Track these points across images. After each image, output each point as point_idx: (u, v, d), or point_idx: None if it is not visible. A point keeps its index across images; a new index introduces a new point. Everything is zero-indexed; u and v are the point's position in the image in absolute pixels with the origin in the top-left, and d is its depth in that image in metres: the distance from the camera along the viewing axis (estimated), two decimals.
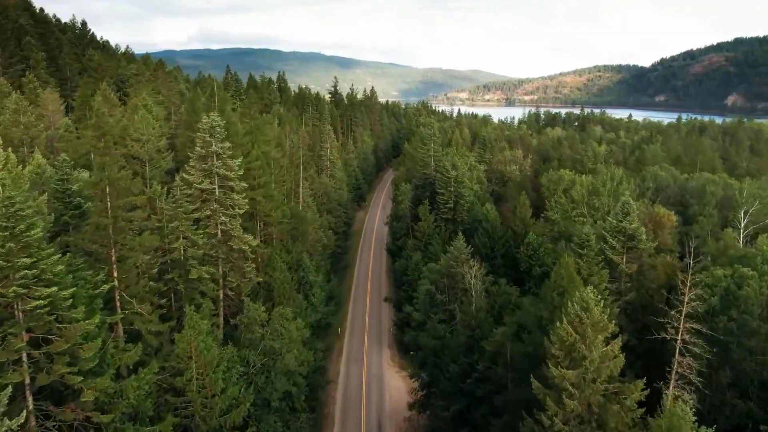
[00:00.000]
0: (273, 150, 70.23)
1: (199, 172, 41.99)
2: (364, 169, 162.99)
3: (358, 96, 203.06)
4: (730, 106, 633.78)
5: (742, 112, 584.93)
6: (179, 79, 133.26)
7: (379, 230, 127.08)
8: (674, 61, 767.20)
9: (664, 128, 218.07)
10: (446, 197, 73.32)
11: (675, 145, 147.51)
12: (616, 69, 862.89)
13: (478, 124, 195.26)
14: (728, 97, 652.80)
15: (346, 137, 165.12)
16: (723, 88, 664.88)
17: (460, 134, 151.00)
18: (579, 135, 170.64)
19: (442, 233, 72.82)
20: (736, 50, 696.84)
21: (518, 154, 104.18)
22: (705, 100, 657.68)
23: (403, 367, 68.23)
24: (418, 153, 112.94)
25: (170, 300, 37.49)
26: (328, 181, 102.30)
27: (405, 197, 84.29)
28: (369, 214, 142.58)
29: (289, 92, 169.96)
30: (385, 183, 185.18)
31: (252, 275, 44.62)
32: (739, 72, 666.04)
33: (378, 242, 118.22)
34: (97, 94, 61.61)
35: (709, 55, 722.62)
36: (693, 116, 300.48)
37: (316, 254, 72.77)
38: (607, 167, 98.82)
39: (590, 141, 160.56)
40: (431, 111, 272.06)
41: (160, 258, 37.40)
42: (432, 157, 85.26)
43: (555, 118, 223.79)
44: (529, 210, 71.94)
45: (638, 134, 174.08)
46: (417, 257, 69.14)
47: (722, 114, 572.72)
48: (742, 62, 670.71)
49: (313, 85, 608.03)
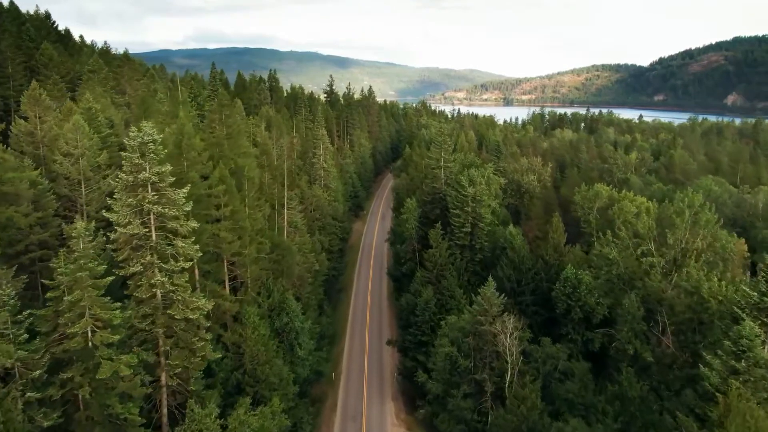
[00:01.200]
0: (253, 163, 56.79)
1: (125, 209, 28.50)
2: (362, 174, 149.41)
3: (355, 96, 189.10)
4: (730, 105, 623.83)
5: (742, 111, 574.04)
6: (158, 77, 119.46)
7: (379, 245, 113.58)
8: (673, 61, 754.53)
9: (679, 129, 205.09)
10: (462, 219, 59.74)
11: (697, 148, 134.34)
12: (614, 68, 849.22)
13: (483, 126, 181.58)
14: (728, 96, 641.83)
15: (343, 140, 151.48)
16: (722, 88, 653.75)
17: (465, 137, 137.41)
18: (593, 138, 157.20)
19: (458, 262, 59.42)
20: (735, 49, 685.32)
21: (537, 161, 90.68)
22: (704, 100, 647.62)
23: (411, 428, 55.06)
24: (423, 161, 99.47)
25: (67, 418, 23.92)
26: (322, 193, 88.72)
27: (410, 215, 70.72)
28: (367, 225, 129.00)
29: (281, 92, 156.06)
30: (384, 188, 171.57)
31: (206, 350, 31.17)
32: (738, 71, 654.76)
33: (377, 260, 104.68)
34: (26, 95, 47.82)
35: (708, 54, 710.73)
36: (694, 116, 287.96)
37: (305, 286, 59.43)
38: (643, 179, 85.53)
39: (610, 147, 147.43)
40: (432, 112, 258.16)
41: (52, 347, 24.02)
42: (442, 168, 71.71)
43: (562, 119, 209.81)
44: (563, 235, 58.52)
45: (657, 137, 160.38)
46: (428, 294, 55.77)
47: (722, 113, 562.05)
48: (742, 61, 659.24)
49: (310, 85, 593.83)
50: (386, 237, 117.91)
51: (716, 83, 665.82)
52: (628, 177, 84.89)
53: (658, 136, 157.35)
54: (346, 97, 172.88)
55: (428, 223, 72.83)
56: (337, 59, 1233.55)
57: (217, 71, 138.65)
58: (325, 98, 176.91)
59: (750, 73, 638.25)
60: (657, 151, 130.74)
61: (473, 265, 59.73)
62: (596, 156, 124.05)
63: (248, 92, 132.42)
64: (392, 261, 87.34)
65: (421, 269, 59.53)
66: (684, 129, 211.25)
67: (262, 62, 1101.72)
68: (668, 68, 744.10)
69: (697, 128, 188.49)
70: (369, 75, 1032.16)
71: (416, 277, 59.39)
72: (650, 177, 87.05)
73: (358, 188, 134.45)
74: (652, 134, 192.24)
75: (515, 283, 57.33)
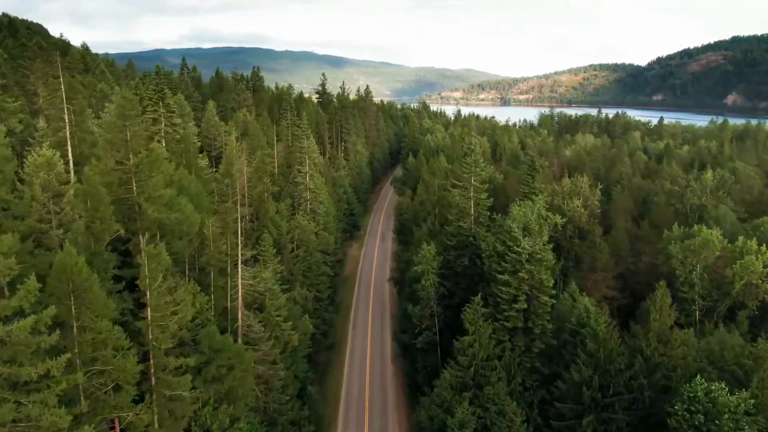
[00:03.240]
0: (196, 211, 35.20)
1: None
2: (358, 186, 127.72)
3: (350, 96, 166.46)
4: (730, 105, 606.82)
5: (743, 111, 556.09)
6: (111, 73, 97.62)
7: (380, 276, 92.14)
8: (671, 60, 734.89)
9: (705, 133, 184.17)
10: (514, 289, 38.11)
11: (749, 158, 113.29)
12: (612, 68, 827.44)
13: (493, 129, 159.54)
14: (728, 96, 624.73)
15: (336, 148, 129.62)
16: (722, 87, 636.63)
17: (479, 145, 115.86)
18: (624, 145, 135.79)
19: (507, 356, 38.02)
20: (734, 49, 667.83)
21: (583, 182, 69.29)
22: (703, 99, 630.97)
23: None
24: (436, 181, 78.14)
25: None
26: (308, 224, 67.15)
27: (427, 267, 49.09)
28: (365, 249, 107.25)
29: (267, 92, 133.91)
30: (383, 200, 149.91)
31: None
32: (737, 71, 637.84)
33: (378, 300, 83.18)
34: None
35: (707, 54, 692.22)
36: (716, 117, 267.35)
37: (273, 393, 38.06)
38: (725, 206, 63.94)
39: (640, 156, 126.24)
40: (435, 114, 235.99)
41: None
42: (472, 201, 50.10)
43: (576, 121, 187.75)
44: (670, 316, 37.19)
45: (695, 144, 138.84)
46: (463, 411, 34.59)
47: (722, 113, 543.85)
48: (741, 61, 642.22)
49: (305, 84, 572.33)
50: (388, 269, 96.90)
51: (715, 83, 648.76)
52: (704, 204, 63.63)
53: (697, 143, 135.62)
54: (340, 98, 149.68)
55: (452, 275, 51.34)
56: (332, 59, 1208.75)
57: (189, 68, 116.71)
58: (317, 99, 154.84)
59: (750, 73, 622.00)
60: (701, 162, 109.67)
61: (530, 358, 38.34)
62: (639, 170, 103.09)
63: (225, 93, 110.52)
64: (399, 319, 65.72)
65: (450, 367, 37.90)
66: (710, 132, 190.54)
67: (257, 62, 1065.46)
68: (666, 68, 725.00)
69: (727, 131, 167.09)
70: (365, 74, 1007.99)
71: (443, 379, 37.85)
72: (730, 203, 65.82)
73: (353, 204, 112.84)
74: (682, 138, 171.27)
75: (596, 390, 36.22)
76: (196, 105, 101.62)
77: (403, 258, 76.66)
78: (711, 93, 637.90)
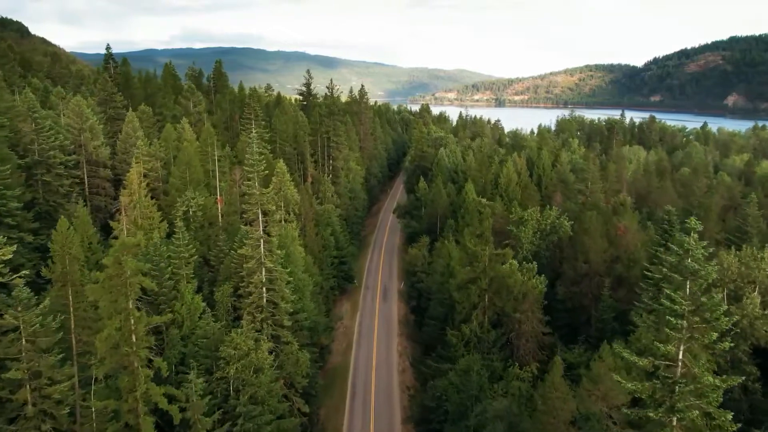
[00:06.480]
0: None
1: None
2: (351, 216, 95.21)
3: (341, 98, 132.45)
4: (731, 106, 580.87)
5: (744, 112, 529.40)
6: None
7: (384, 372, 59.84)
8: (669, 60, 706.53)
9: (757, 139, 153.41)
10: None
11: None
12: (608, 68, 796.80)
13: (522, 140, 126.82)
14: (728, 97, 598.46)
15: (322, 166, 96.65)
16: (721, 88, 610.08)
17: (514, 167, 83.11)
18: (690, 160, 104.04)
19: None
20: (732, 49, 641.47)
21: (752, 254, 37.45)
22: (703, 100, 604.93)
23: None
24: (486, 252, 46.44)
25: None
26: (257, 352, 34.79)
27: None
28: (360, 317, 73.75)
29: (231, 94, 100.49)
30: (382, 225, 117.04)
31: None
32: (737, 71, 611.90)
33: (385, 407, 50.75)
34: None
35: (705, 54, 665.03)
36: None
37: None
38: None
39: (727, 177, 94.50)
40: (439, 117, 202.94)
41: None
42: None
43: (611, 128, 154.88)
44: None
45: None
46: None
47: (723, 114, 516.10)
48: (740, 61, 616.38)
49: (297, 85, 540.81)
50: (395, 355, 64.68)
51: (715, 83, 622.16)
52: None
53: None
54: (328, 101, 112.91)
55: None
56: (324, 59, 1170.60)
57: (118, 62, 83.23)
58: (301, 102, 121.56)
59: (750, 73, 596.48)
60: None
61: None
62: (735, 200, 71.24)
63: (166, 96, 77.28)
64: None
65: None
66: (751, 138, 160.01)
67: (248, 62, 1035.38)
68: (664, 68, 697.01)
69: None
70: (357, 75, 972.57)
71: None
72: None
73: (344, 249, 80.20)
74: (737, 148, 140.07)
75: None
76: (119, 113, 68.70)
77: (423, 378, 44.24)
78: (710, 94, 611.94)
